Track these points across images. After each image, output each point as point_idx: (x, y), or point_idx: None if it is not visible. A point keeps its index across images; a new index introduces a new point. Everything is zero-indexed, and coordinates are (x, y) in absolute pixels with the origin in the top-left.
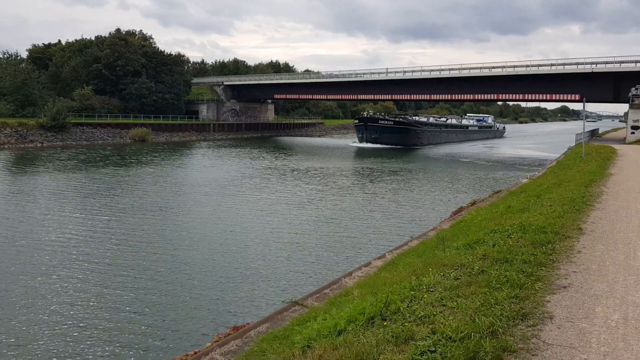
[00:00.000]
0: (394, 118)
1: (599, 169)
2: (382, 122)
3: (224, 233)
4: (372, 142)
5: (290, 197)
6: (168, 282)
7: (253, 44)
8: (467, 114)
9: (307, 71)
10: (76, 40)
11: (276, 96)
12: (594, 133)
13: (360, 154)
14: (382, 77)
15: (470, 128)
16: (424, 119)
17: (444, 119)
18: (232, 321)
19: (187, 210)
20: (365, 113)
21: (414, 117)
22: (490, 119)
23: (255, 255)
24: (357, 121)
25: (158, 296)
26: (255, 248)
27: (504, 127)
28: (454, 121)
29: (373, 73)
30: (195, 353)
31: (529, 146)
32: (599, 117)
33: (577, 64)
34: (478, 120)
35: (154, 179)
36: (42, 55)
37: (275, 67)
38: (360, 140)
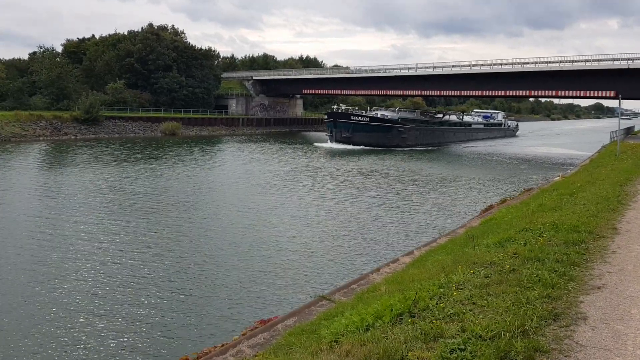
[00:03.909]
0: (370, 114)
1: (634, 167)
2: (355, 118)
3: (251, 229)
4: (343, 142)
5: (317, 194)
6: (196, 276)
7: (282, 39)
8: (474, 110)
9: (335, 66)
10: (109, 34)
11: (305, 91)
12: (629, 131)
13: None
14: (412, 72)
15: (473, 126)
16: (411, 115)
17: (440, 115)
18: (259, 315)
19: (214, 205)
20: (335, 106)
21: (400, 112)
22: (499, 116)
23: (283, 251)
24: (326, 117)
25: (187, 290)
26: (282, 243)
27: (516, 125)
28: (453, 117)
29: (402, 68)
30: (223, 345)
31: (552, 145)
32: (635, 115)
33: (613, 59)
34: (485, 117)
35: (183, 174)
36: (76, 50)
37: (304, 62)
38: (330, 140)
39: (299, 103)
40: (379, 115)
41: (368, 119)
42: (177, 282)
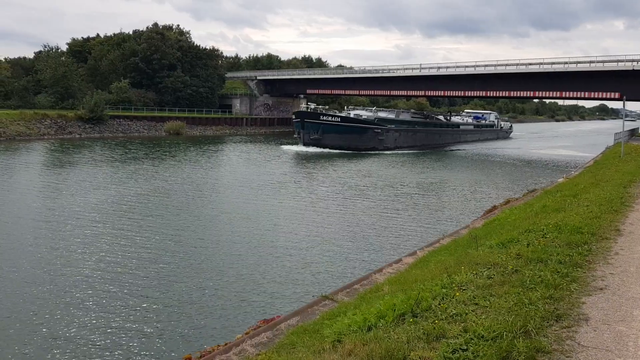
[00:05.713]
0: (342, 113)
1: (638, 169)
2: (325, 118)
3: (255, 229)
4: (312, 145)
5: (320, 195)
6: (200, 276)
7: (286, 39)
8: (465, 110)
9: (339, 66)
10: (114, 34)
11: (308, 91)
12: (633, 132)
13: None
14: (416, 72)
15: (462, 127)
16: (390, 115)
17: (424, 114)
18: (263, 314)
19: (218, 206)
20: (304, 106)
21: (377, 112)
22: (492, 116)
23: (286, 251)
24: (294, 117)
25: (190, 289)
26: (285, 244)
27: (510, 127)
28: (440, 118)
29: (406, 69)
30: (227, 344)
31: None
32: (639, 117)
33: (618, 61)
34: (475, 118)
35: (188, 175)
36: (81, 49)
37: (308, 62)
38: (298, 142)
39: (303, 103)
40: (352, 115)
41: (340, 119)
42: (180, 282)
